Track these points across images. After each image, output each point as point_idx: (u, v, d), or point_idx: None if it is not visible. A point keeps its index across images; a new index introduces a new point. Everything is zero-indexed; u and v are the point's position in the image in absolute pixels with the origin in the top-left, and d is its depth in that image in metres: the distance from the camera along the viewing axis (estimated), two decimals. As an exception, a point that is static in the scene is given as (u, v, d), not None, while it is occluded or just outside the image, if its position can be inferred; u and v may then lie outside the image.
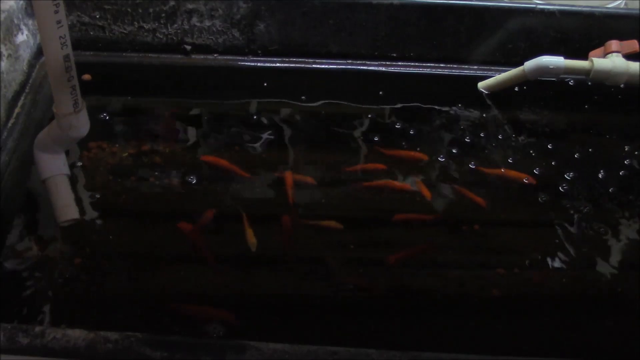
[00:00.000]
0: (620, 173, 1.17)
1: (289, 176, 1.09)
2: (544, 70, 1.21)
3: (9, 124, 1.11)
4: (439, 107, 1.29)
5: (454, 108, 1.29)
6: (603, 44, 1.23)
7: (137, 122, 1.23)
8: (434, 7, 1.29)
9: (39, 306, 0.89)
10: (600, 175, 1.16)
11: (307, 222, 1.03)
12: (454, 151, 1.19)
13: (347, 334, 0.89)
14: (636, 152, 1.22)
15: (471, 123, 1.26)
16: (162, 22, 1.28)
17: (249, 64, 1.33)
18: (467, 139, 1.22)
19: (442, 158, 1.17)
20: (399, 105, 1.29)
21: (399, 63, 1.35)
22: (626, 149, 1.23)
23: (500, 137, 1.23)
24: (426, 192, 1.09)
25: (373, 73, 1.34)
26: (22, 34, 1.19)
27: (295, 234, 1.02)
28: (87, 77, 0.93)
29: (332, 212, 1.05)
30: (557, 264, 1.00)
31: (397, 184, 1.10)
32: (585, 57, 1.23)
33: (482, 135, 1.23)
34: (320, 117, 1.26)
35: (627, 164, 1.19)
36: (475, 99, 1.31)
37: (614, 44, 1.22)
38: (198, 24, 1.29)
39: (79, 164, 1.10)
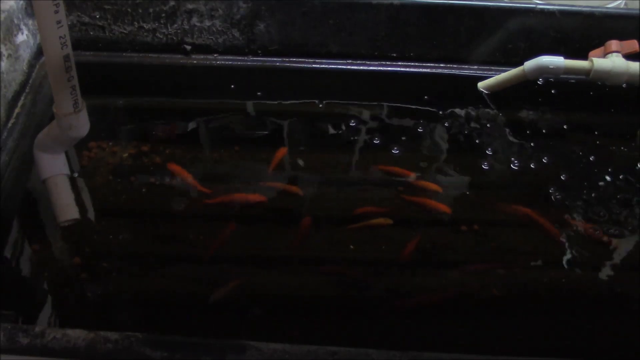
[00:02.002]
0: (621, 173, 1.17)
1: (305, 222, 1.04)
2: (544, 70, 1.21)
3: (9, 124, 1.11)
4: (439, 107, 1.29)
5: (454, 108, 1.29)
6: (603, 44, 1.23)
7: (137, 122, 1.23)
8: (434, 7, 1.29)
9: (39, 306, 0.89)
10: (600, 175, 1.16)
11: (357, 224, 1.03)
12: (453, 151, 1.19)
13: (347, 334, 0.89)
14: (636, 152, 1.22)
15: (472, 123, 1.26)
16: (162, 22, 1.28)
17: (249, 64, 1.33)
18: (467, 139, 1.22)
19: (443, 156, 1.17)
20: (399, 105, 1.29)
21: (399, 63, 1.35)
22: (626, 149, 1.23)
23: (500, 136, 1.23)
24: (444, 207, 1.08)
25: (373, 73, 1.34)
26: (22, 34, 1.19)
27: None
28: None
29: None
30: (557, 264, 1.00)
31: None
32: (585, 57, 1.23)
33: (482, 134, 1.23)
34: (320, 117, 1.26)
35: (627, 164, 1.19)
36: (475, 98, 1.31)
37: (614, 44, 1.22)
38: (198, 24, 1.29)
39: (79, 164, 1.10)
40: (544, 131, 1.26)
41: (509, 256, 1.02)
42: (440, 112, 1.28)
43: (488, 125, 1.26)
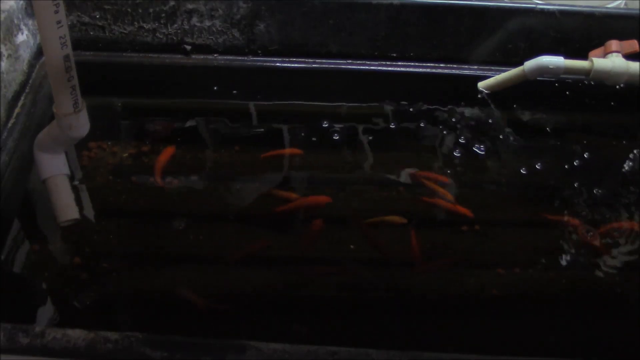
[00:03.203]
0: (621, 173, 1.17)
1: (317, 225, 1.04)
2: (544, 70, 1.21)
3: (9, 124, 1.11)
4: (439, 107, 1.29)
5: (454, 108, 1.29)
6: (603, 44, 1.23)
7: (137, 122, 1.23)
8: (434, 7, 1.29)
9: (39, 306, 0.89)
10: (600, 175, 1.16)
11: (371, 220, 1.03)
12: (454, 150, 1.19)
13: (347, 334, 0.89)
14: (636, 152, 1.22)
15: (471, 122, 1.26)
16: (162, 22, 1.28)
17: (249, 64, 1.33)
18: (467, 138, 1.22)
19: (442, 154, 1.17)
20: (398, 105, 1.29)
21: (399, 63, 1.35)
22: (626, 149, 1.23)
23: (499, 136, 1.23)
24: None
25: (373, 73, 1.34)
26: (22, 34, 1.19)
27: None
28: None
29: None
30: (557, 264, 1.00)
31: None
32: (585, 57, 1.23)
33: (482, 134, 1.23)
34: (320, 117, 1.26)
35: (626, 164, 1.19)
36: (475, 98, 1.31)
37: (614, 44, 1.22)
38: (198, 24, 1.29)
39: (79, 164, 1.10)
40: (547, 130, 1.26)
41: (509, 256, 1.02)
42: (440, 112, 1.28)
43: (488, 125, 1.26)
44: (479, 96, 1.31)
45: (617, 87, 1.26)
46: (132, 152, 1.13)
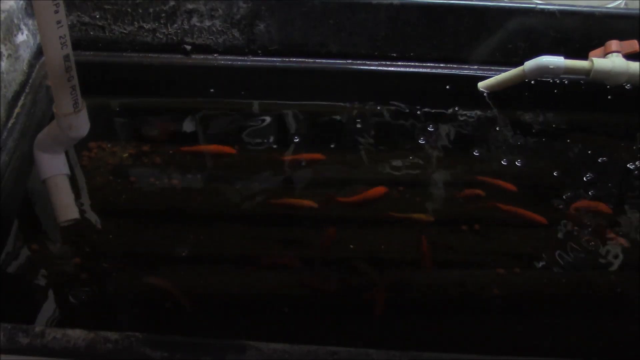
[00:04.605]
0: (620, 173, 1.17)
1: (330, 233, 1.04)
2: (544, 70, 1.21)
3: (9, 124, 1.11)
4: (438, 107, 1.29)
5: (453, 107, 1.29)
6: (603, 44, 1.23)
7: (137, 122, 1.23)
8: (434, 7, 1.29)
9: (39, 306, 0.89)
10: (600, 175, 1.16)
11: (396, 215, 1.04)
12: (455, 151, 1.19)
13: (346, 334, 0.89)
14: (635, 150, 1.22)
15: (471, 122, 1.26)
16: (162, 22, 1.28)
17: (249, 64, 1.33)
18: (467, 138, 1.22)
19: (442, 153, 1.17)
20: (398, 105, 1.29)
21: (399, 63, 1.35)
22: (626, 149, 1.23)
23: (500, 136, 1.23)
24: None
25: (373, 73, 1.34)
26: (22, 34, 1.19)
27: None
28: None
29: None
30: (556, 264, 1.00)
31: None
32: (585, 57, 1.23)
33: (481, 134, 1.23)
34: (319, 117, 1.26)
35: (627, 164, 1.19)
36: (475, 98, 1.31)
37: (614, 44, 1.22)
38: (198, 24, 1.29)
39: (79, 164, 1.10)
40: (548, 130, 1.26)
41: (510, 256, 1.02)
42: (439, 112, 1.28)
43: (488, 124, 1.26)
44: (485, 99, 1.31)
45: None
46: (132, 152, 1.13)
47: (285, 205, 1.05)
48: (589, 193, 1.11)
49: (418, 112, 1.27)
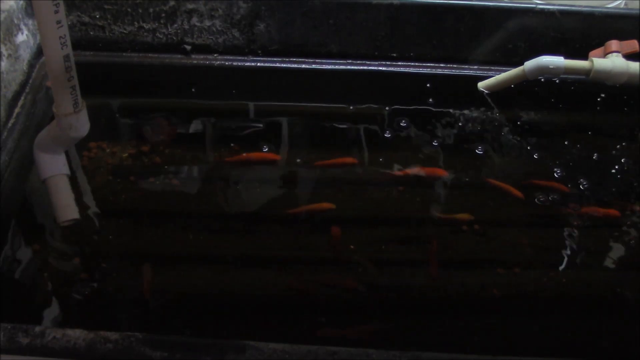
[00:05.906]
0: (620, 173, 1.17)
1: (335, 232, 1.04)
2: (544, 70, 1.21)
3: (9, 124, 1.11)
4: (438, 107, 1.29)
5: (453, 107, 1.29)
6: (603, 44, 1.23)
7: (137, 122, 1.23)
8: (434, 7, 1.29)
9: (39, 306, 0.89)
10: (600, 175, 1.16)
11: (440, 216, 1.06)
12: (455, 150, 1.19)
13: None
14: (635, 151, 1.22)
15: (472, 123, 1.26)
16: (162, 22, 1.28)
17: (249, 64, 1.33)
18: (468, 138, 1.22)
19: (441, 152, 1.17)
20: (398, 105, 1.29)
21: (399, 63, 1.35)
22: (626, 149, 1.23)
23: (499, 136, 1.23)
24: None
25: (373, 73, 1.34)
26: (22, 34, 1.19)
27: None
28: None
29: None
30: (557, 264, 1.00)
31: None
32: (585, 57, 1.23)
33: (482, 134, 1.23)
34: (319, 117, 1.26)
35: (627, 164, 1.19)
36: (475, 98, 1.31)
37: (614, 44, 1.22)
38: (198, 24, 1.29)
39: (79, 164, 1.10)
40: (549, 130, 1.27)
41: (510, 256, 1.02)
42: (439, 112, 1.28)
43: (489, 124, 1.26)
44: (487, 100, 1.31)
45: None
46: (132, 152, 1.13)
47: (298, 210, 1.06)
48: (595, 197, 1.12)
49: (418, 112, 1.27)
